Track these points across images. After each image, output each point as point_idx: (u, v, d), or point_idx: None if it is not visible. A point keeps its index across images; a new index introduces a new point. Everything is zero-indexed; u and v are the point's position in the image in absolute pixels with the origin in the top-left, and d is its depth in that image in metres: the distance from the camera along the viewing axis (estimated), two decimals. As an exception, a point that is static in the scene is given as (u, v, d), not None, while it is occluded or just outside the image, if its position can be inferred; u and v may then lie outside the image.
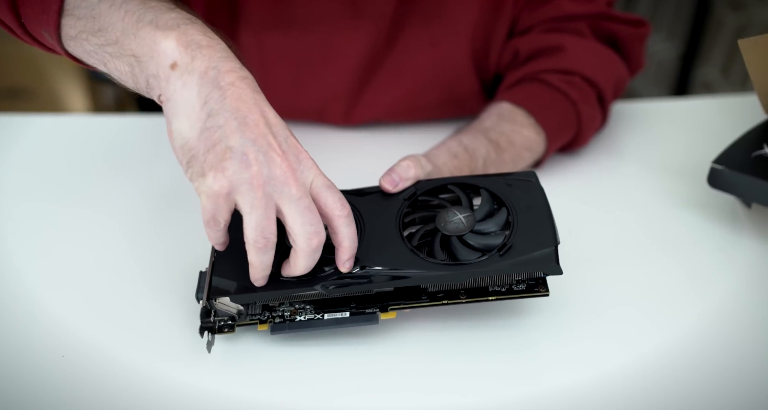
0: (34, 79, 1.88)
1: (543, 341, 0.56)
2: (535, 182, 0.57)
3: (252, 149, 0.46)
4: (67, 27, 0.51)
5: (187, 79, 0.46)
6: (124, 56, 0.49)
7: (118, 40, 0.48)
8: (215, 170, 0.46)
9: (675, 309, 0.59)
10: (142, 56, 0.48)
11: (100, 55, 0.50)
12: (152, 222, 0.69)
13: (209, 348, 0.53)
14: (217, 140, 0.46)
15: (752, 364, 0.54)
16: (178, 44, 0.47)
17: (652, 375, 0.53)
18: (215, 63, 0.47)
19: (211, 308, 0.54)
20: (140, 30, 0.47)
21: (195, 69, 0.47)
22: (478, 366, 0.54)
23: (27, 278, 0.63)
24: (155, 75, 0.47)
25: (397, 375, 0.54)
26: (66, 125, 0.88)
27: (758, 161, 0.65)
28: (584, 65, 0.75)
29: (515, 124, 0.72)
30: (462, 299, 0.53)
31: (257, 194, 0.46)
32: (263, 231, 0.47)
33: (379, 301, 0.54)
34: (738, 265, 0.63)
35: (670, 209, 0.70)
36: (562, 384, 0.53)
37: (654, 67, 1.97)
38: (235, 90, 0.47)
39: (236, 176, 0.46)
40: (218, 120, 0.46)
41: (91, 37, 0.50)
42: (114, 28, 0.48)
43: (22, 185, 0.75)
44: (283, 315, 0.54)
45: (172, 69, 0.47)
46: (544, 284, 0.53)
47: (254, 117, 0.47)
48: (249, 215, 0.47)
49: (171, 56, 0.47)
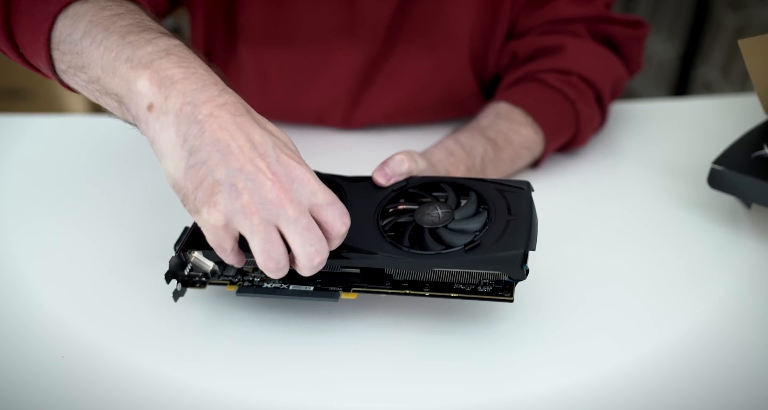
0: (34, 80, 1.88)
1: (539, 341, 0.56)
2: (527, 191, 0.56)
3: (240, 177, 0.45)
4: (57, 61, 0.51)
5: (164, 120, 0.46)
6: (109, 94, 0.49)
7: (100, 78, 0.48)
8: (207, 205, 0.46)
9: (675, 309, 0.59)
10: (122, 96, 0.48)
11: (90, 91, 0.51)
12: (152, 222, 0.69)
13: (176, 297, 0.55)
14: (203, 176, 0.46)
15: (752, 364, 0.54)
16: (151, 84, 0.46)
17: (652, 375, 0.53)
18: (190, 98, 0.46)
19: (186, 261, 0.56)
20: (117, 69, 0.47)
21: (170, 108, 0.46)
22: (476, 360, 0.54)
23: (27, 277, 0.63)
24: (136, 117, 0.47)
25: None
26: (66, 125, 0.88)
27: (758, 161, 0.65)
28: (582, 65, 0.75)
29: (513, 122, 0.72)
30: (425, 292, 0.53)
31: (254, 221, 0.46)
32: (270, 254, 0.47)
33: (344, 281, 0.55)
34: (738, 265, 0.63)
35: (670, 209, 0.70)
36: (558, 385, 0.52)
37: (654, 68, 1.97)
38: (214, 120, 0.46)
39: (229, 207, 0.46)
40: (200, 156, 0.46)
41: (78, 72, 0.50)
42: (95, 65, 0.48)
43: (22, 185, 0.76)
44: (252, 280, 0.56)
45: (149, 111, 0.46)
46: (510, 290, 0.52)
47: (238, 143, 0.46)
48: (252, 242, 0.47)
49: (146, 97, 0.46)
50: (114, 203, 0.72)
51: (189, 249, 0.55)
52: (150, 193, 0.73)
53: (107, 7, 0.50)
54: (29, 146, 0.81)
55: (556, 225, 0.67)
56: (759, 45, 0.63)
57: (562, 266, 0.63)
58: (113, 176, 0.76)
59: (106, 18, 0.49)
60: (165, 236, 0.65)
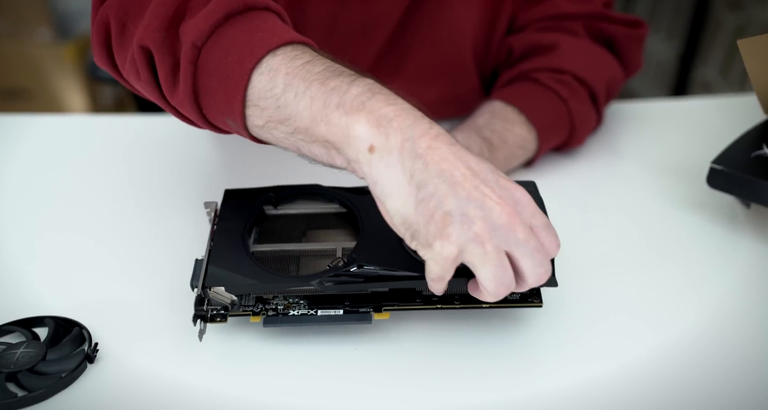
0: (34, 80, 1.88)
1: (541, 342, 0.56)
2: (535, 191, 0.56)
3: (470, 206, 0.45)
4: (253, 117, 0.51)
5: (388, 159, 0.46)
6: (318, 142, 0.49)
7: (309, 128, 0.48)
8: (440, 238, 0.45)
9: (673, 309, 0.59)
10: (336, 142, 0.47)
11: (292, 142, 0.50)
12: (151, 221, 0.69)
13: (201, 336, 0.53)
14: (434, 208, 0.45)
15: (751, 364, 0.54)
16: (370, 126, 0.46)
17: (652, 375, 0.53)
18: (408, 134, 0.46)
19: (205, 296, 0.54)
20: (329, 116, 0.47)
21: (392, 147, 0.46)
22: (477, 368, 0.54)
23: (27, 277, 0.63)
24: (355, 160, 0.47)
25: (391, 381, 0.53)
26: (65, 125, 0.88)
27: (757, 161, 0.65)
28: (576, 64, 0.76)
29: (507, 122, 0.72)
30: (456, 305, 0.53)
31: (487, 249, 0.45)
32: (502, 280, 0.47)
33: (373, 301, 0.54)
34: (737, 265, 0.63)
35: (668, 209, 0.71)
36: (561, 386, 0.53)
37: (653, 68, 1.97)
38: (434, 152, 0.46)
39: (462, 238, 0.45)
40: (429, 189, 0.45)
41: (279, 125, 0.50)
42: (301, 116, 0.48)
43: (22, 185, 0.76)
44: (276, 308, 0.54)
45: (371, 153, 0.46)
46: (538, 295, 0.54)
47: (460, 172, 0.46)
48: (484, 269, 0.46)
49: (366, 140, 0.46)
50: (113, 202, 0.72)
51: (210, 285, 0.53)
52: (149, 192, 0.73)
53: (297, 57, 0.50)
54: (29, 146, 0.81)
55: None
56: (758, 45, 0.63)
57: (559, 266, 0.62)
58: (112, 176, 0.76)
59: (300, 68, 0.49)
60: (164, 234, 0.65)
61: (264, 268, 0.53)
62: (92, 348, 0.54)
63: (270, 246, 0.57)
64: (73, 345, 0.55)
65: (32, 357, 0.53)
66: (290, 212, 0.60)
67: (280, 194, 0.60)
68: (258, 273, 0.53)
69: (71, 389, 0.52)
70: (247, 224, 0.57)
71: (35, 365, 0.52)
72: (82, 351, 0.54)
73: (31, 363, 0.52)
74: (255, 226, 0.59)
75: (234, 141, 0.81)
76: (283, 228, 0.59)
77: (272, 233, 0.58)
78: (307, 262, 0.56)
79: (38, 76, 1.87)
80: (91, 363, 0.53)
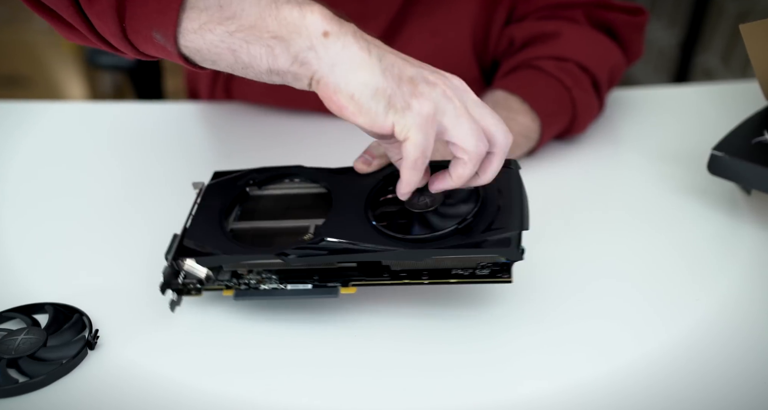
0: (33, 67, 1.88)
1: (537, 324, 0.56)
2: (514, 169, 0.56)
3: (425, 72, 0.49)
4: (189, 20, 0.50)
5: (344, 40, 0.48)
6: (262, 39, 0.49)
7: (255, 25, 0.49)
8: (415, 96, 0.48)
9: (674, 296, 0.59)
10: (285, 35, 0.48)
11: (227, 44, 0.50)
12: (150, 207, 0.69)
13: (173, 307, 0.55)
14: (398, 74, 0.48)
15: (753, 352, 0.54)
16: (323, 16, 0.48)
17: (654, 364, 0.53)
18: (355, 28, 0.49)
19: (179, 269, 0.55)
20: (279, 9, 0.48)
21: (347, 31, 0.48)
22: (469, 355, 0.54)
23: (26, 264, 0.63)
24: (309, 47, 0.48)
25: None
26: (64, 112, 0.88)
27: (758, 147, 0.65)
28: (578, 52, 0.75)
29: (510, 111, 0.72)
30: (424, 281, 0.53)
31: (456, 104, 0.49)
32: (477, 133, 0.49)
33: (342, 276, 0.55)
34: (737, 251, 0.63)
35: (669, 195, 0.70)
36: (554, 366, 0.53)
37: (654, 54, 1.97)
38: (379, 43, 0.50)
39: (433, 94, 0.48)
40: (389, 59, 0.49)
41: (218, 26, 0.49)
42: (248, 13, 0.49)
43: (21, 172, 0.75)
44: (248, 282, 0.55)
45: (326, 37, 0.48)
46: (508, 271, 0.53)
47: (403, 56, 0.50)
48: (459, 126, 0.49)
49: (321, 27, 0.48)
50: (112, 189, 0.72)
51: (181, 257, 0.54)
52: (148, 179, 0.73)
53: None
54: (27, 133, 0.81)
55: (555, 212, 0.67)
56: (760, 29, 0.63)
57: (561, 253, 0.63)
58: (111, 163, 0.76)
59: None
60: (165, 222, 0.65)
61: (236, 243, 0.55)
62: (93, 335, 0.54)
63: (248, 224, 0.58)
64: (74, 332, 0.55)
65: (33, 343, 0.53)
66: (272, 192, 0.61)
67: (263, 174, 0.61)
68: (229, 247, 0.54)
69: (72, 375, 0.52)
70: (227, 202, 0.58)
71: (36, 351, 0.52)
72: (83, 337, 0.54)
73: (31, 349, 0.52)
74: (237, 205, 0.60)
75: (233, 128, 0.81)
76: (263, 207, 0.60)
77: (253, 212, 0.59)
78: (282, 240, 0.56)
79: (37, 64, 1.86)
80: (91, 349, 0.54)
